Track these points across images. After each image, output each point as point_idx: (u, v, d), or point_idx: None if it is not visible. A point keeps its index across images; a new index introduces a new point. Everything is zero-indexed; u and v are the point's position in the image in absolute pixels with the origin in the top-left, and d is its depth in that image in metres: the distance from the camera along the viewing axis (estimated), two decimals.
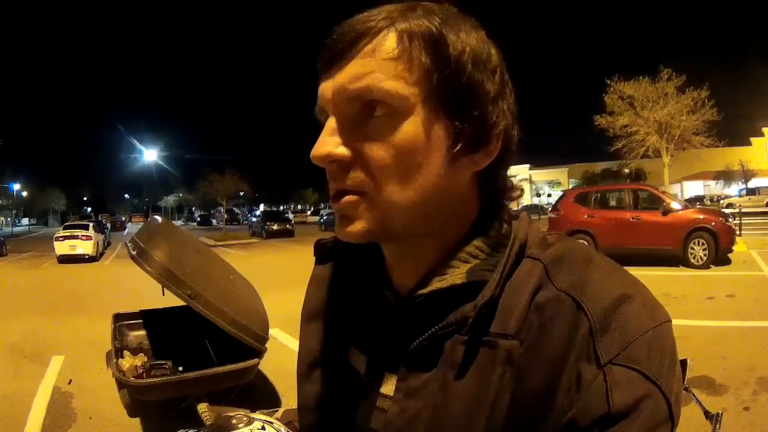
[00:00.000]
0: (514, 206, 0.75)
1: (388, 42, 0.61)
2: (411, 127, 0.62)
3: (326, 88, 0.65)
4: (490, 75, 0.65)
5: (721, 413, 1.15)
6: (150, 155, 66.24)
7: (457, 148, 0.63)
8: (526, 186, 64.14)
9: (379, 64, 0.61)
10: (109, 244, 29.95)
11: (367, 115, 0.63)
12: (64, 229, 22.69)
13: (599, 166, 55.62)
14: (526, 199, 62.45)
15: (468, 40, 0.64)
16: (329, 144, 0.63)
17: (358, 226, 0.64)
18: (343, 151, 0.63)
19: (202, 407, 3.54)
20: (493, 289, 0.61)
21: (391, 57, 0.61)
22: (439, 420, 0.61)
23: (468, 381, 0.60)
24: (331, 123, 0.65)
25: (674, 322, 0.59)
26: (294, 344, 6.08)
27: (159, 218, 5.43)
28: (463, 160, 0.65)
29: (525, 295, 0.61)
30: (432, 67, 0.62)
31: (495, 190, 0.71)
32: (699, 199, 43.78)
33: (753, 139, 52.54)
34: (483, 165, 0.67)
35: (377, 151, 0.62)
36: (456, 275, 0.66)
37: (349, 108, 0.63)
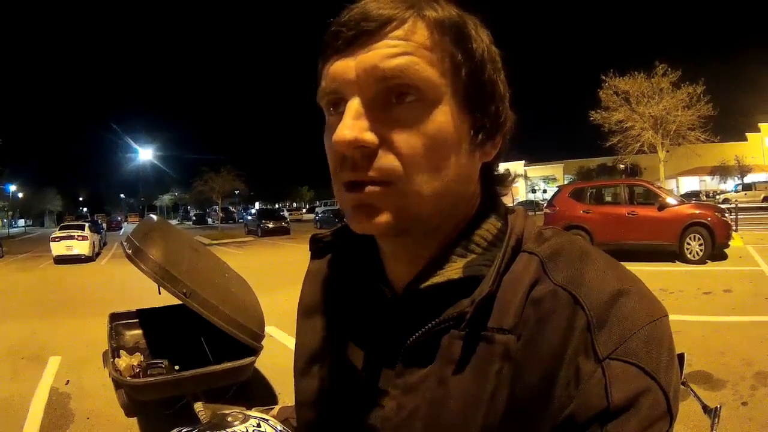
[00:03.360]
0: (508, 201, 0.76)
1: (420, 29, 0.61)
2: (442, 117, 0.61)
3: (346, 67, 0.61)
4: (500, 72, 0.68)
5: (720, 408, 1.15)
6: (145, 155, 66.37)
7: (478, 140, 0.65)
8: (521, 182, 64.17)
9: (414, 48, 0.60)
10: (105, 244, 29.85)
11: (395, 99, 0.61)
12: (60, 229, 22.56)
13: (595, 162, 55.66)
14: (522, 195, 62.49)
15: (483, 37, 0.66)
16: (356, 128, 0.60)
17: (384, 218, 0.62)
18: (370, 136, 0.60)
19: (199, 406, 3.54)
20: (490, 284, 0.60)
21: (425, 45, 0.61)
22: (436, 416, 0.61)
23: (465, 376, 0.60)
24: (355, 105, 0.61)
25: (671, 317, 0.59)
26: (291, 342, 6.08)
27: (154, 217, 5.42)
28: (477, 153, 0.67)
29: (522, 289, 0.60)
30: (461, 60, 0.62)
31: (493, 180, 0.73)
32: (695, 194, 43.93)
33: (749, 135, 52.77)
34: (491, 157, 0.69)
35: (408, 139, 0.60)
36: (453, 270, 0.65)
37: (376, 89, 0.61)
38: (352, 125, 0.60)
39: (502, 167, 0.75)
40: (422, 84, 0.60)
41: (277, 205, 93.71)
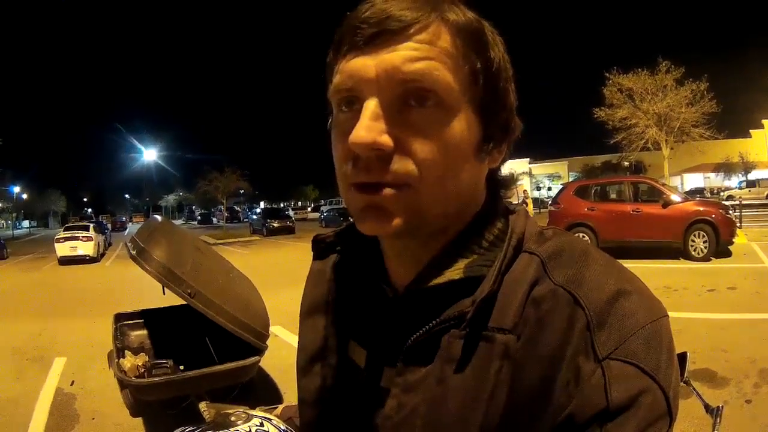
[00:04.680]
0: (514, 200, 0.76)
1: (444, 35, 0.61)
2: (458, 125, 0.61)
3: (365, 65, 0.60)
4: (511, 82, 0.68)
5: (722, 406, 1.15)
6: (149, 155, 66.36)
7: (489, 148, 0.66)
8: (526, 179, 64.09)
9: (437, 53, 0.60)
10: (110, 244, 29.83)
11: (413, 103, 0.60)
12: (64, 230, 22.57)
13: (599, 159, 55.36)
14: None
15: (499, 45, 0.66)
16: (374, 130, 0.58)
17: (397, 221, 0.62)
18: (388, 140, 0.59)
19: (203, 405, 3.54)
20: (491, 284, 0.60)
21: (447, 51, 0.60)
22: (436, 414, 0.61)
23: (465, 375, 0.60)
24: (372, 106, 0.60)
25: (675, 314, 0.59)
26: (295, 341, 6.08)
27: (158, 217, 5.43)
28: (486, 159, 0.67)
29: (522, 289, 0.60)
30: (480, 68, 0.63)
31: (498, 183, 0.74)
32: (699, 191, 43.80)
33: (753, 131, 52.47)
34: (497, 163, 0.70)
35: (425, 145, 0.60)
36: (454, 270, 0.65)
37: (396, 91, 0.60)
38: (369, 126, 0.58)
39: (506, 166, 0.75)
40: (442, 90, 0.60)
41: (282, 204, 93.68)
